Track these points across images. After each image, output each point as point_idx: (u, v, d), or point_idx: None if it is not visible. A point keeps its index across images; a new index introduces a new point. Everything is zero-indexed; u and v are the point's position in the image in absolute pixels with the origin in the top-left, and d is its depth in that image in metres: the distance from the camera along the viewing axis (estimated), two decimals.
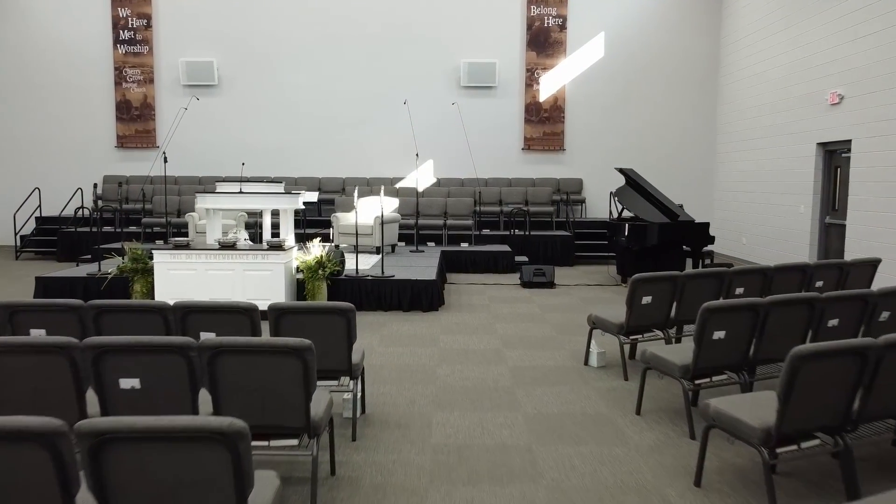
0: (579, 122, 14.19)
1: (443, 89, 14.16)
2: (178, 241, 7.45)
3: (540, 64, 14.09)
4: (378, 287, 7.92)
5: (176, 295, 7.32)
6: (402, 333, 6.79)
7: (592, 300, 8.75)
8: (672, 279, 5.29)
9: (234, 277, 7.32)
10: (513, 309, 8.12)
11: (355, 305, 7.62)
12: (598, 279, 10.57)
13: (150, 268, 7.42)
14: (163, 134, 14.30)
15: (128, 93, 14.17)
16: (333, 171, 14.26)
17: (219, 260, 7.31)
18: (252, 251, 7.29)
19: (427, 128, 14.06)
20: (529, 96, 14.14)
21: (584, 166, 14.24)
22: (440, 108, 14.13)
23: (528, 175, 14.22)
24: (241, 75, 14.18)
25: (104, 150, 14.36)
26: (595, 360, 5.62)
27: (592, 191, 14.21)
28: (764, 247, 11.92)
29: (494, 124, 14.18)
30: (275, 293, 7.31)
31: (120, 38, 14.07)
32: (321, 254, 7.57)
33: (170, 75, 14.20)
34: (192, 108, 14.20)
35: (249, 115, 14.25)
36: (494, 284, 9.96)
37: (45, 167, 14.35)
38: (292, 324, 4.14)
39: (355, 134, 14.24)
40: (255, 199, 7.88)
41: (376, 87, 14.14)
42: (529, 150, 14.24)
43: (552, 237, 12.17)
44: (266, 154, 14.28)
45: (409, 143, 13.92)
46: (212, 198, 7.88)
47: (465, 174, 14.15)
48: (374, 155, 14.26)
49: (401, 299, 7.91)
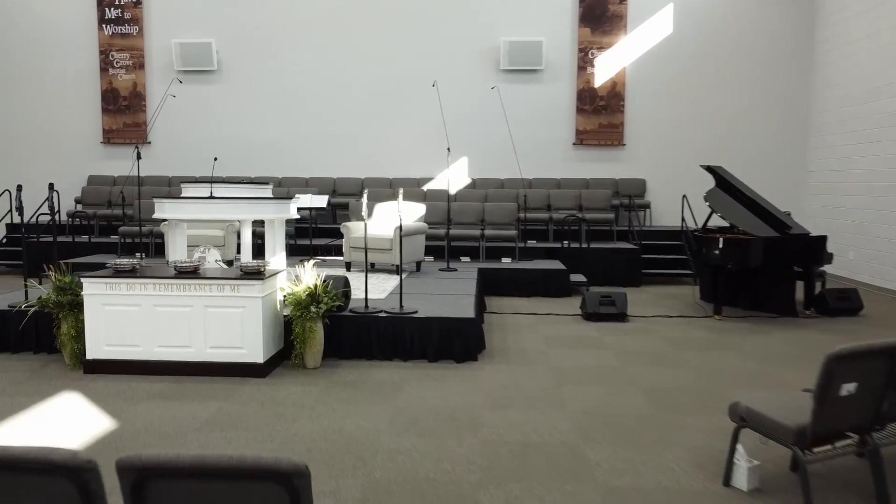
0: (642, 111, 11.88)
1: (479, 74, 11.98)
2: (120, 265, 5.39)
3: (595, 42, 11.83)
4: (394, 327, 5.76)
5: (112, 340, 5.27)
6: (424, 408, 4.62)
7: (685, 343, 6.49)
8: (892, 354, 3.06)
9: (192, 317, 5.23)
10: (579, 358, 5.90)
11: (364, 354, 5.49)
12: (678, 307, 8.28)
13: (82, 301, 5.37)
14: (156, 127, 12.35)
15: (115, 80, 12.26)
16: (350, 171, 12.17)
17: (172, 292, 5.23)
18: (217, 280, 5.19)
19: (460, 119, 11.89)
20: (582, 81, 11.88)
21: (647, 164, 11.93)
22: (476, 95, 11.95)
23: (581, 175, 11.95)
24: (243, 58, 12.17)
25: (89, 146, 12.47)
26: (744, 478, 3.38)
27: (658, 194, 11.89)
28: (878, 263, 9.50)
29: (540, 115, 11.95)
30: (248, 340, 5.21)
31: (106, 17, 12.17)
32: (315, 283, 5.44)
33: (162, 59, 12.25)
34: (188, 97, 12.22)
35: (253, 104, 12.24)
36: (548, 315, 7.74)
37: (22, 165, 12.51)
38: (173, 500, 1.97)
39: (376, 127, 12.13)
40: (228, 207, 5.80)
41: (401, 73, 12.01)
42: (582, 144, 11.97)
43: (613, 251, 9.91)
44: (272, 150, 12.25)
45: (439, 136, 11.76)
46: (172, 205, 5.82)
47: (505, 174, 11.95)
48: (397, 151, 12.13)
49: (426, 345, 5.74)
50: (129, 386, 4.98)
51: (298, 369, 5.44)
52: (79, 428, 4.17)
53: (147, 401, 4.66)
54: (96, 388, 4.92)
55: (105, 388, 4.92)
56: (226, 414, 4.42)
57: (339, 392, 4.88)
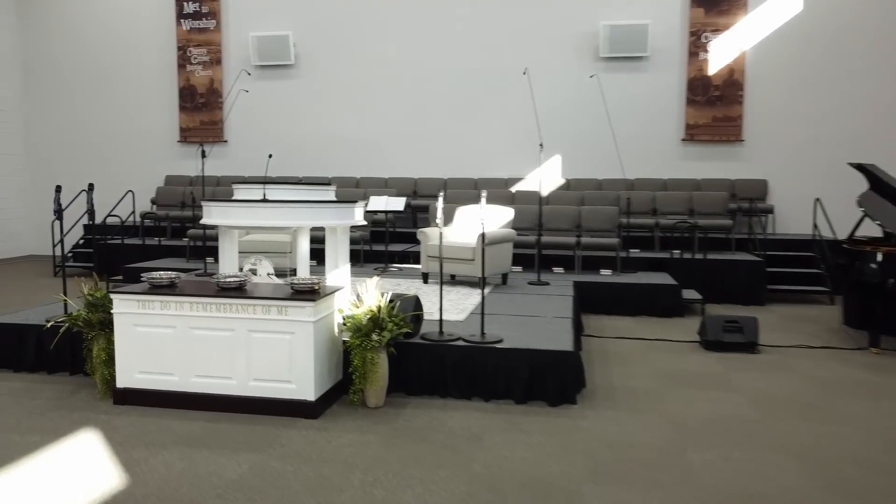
0: (764, 102, 10.36)
1: (574, 63, 10.79)
2: (156, 279, 4.62)
3: (710, 25, 10.40)
4: (474, 360, 4.74)
5: (145, 366, 4.50)
6: (508, 474, 3.57)
7: (839, 385, 5.14)
8: None
9: (234, 343, 4.39)
10: (705, 404, 4.69)
11: (437, 390, 4.50)
12: (818, 334, 6.86)
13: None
14: (231, 125, 11.85)
15: (192, 77, 11.85)
16: (432, 170, 11.26)
17: (211, 313, 4.41)
18: (263, 301, 4.32)
19: (552, 113, 10.75)
20: (694, 69, 10.48)
21: (769, 163, 10.38)
22: (570, 87, 10.77)
23: (691, 175, 10.55)
24: (321, 51, 11.48)
25: (166, 145, 12.12)
26: None
27: (782, 197, 10.32)
28: None
29: (644, 107, 10.64)
30: (297, 373, 4.32)
31: (184, 12, 11.77)
32: (378, 304, 4.50)
33: (239, 54, 11.73)
34: (265, 93, 11.65)
35: (331, 100, 11.52)
36: (658, 341, 6.52)
37: (100, 165, 12.32)
38: None
39: (460, 123, 11.16)
40: (281, 213, 4.94)
41: (487, 63, 10.99)
42: (692, 140, 10.57)
43: (731, 263, 8.52)
44: (350, 148, 11.50)
45: (530, 132, 10.66)
46: (219, 209, 5.02)
47: (602, 173, 10.71)
48: (482, 149, 11.11)
49: (512, 382, 4.69)
50: (158, 425, 4.19)
51: (357, 408, 4.51)
52: (80, 485, 3.38)
53: (172, 448, 3.84)
54: (120, 427, 4.15)
55: (130, 427, 4.15)
56: (258, 473, 3.52)
57: (403, 445, 3.91)
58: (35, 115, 12.62)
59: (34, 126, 12.64)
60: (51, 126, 12.56)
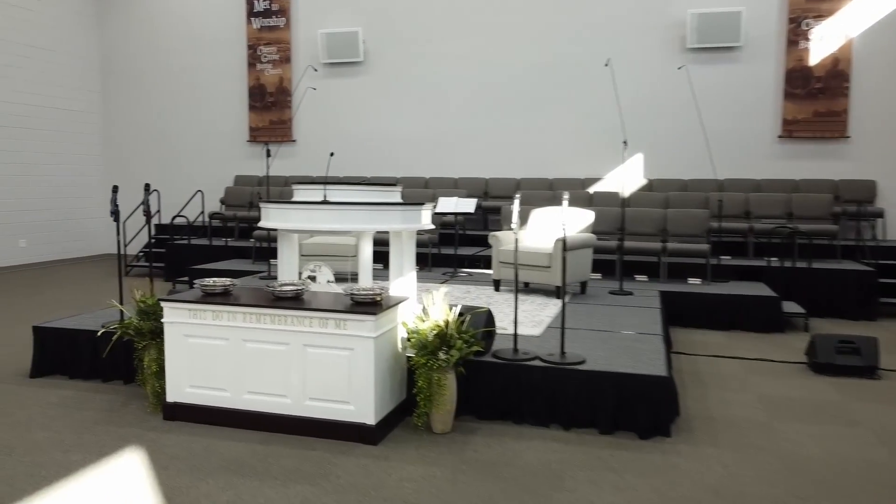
0: (873, 95, 9.37)
1: (658, 54, 10.06)
2: (209, 286, 4.30)
3: (811, 10, 9.49)
4: (553, 382, 4.21)
5: (196, 380, 4.18)
6: None
7: None
8: None
9: (288, 358, 4.01)
10: (824, 441, 4.00)
11: (511, 415, 4.03)
12: None
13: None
14: (299, 124, 11.66)
15: (262, 76, 11.72)
16: (504, 170, 10.74)
17: (265, 325, 4.04)
18: (319, 312, 3.92)
19: (634, 109, 10.05)
20: (793, 59, 9.58)
21: (879, 162, 9.39)
22: (653, 80, 10.05)
23: (788, 175, 9.66)
24: (390, 47, 11.13)
25: (236, 144, 12.04)
26: None
27: (893, 200, 9.31)
28: None
29: (735, 101, 9.81)
30: (356, 393, 3.90)
31: (254, 10, 11.65)
32: (446, 319, 4.03)
33: (308, 52, 11.52)
34: (333, 91, 11.41)
35: (400, 97, 11.16)
36: (758, 361, 5.81)
37: (173, 165, 12.36)
38: None
39: (534, 120, 10.60)
40: (342, 216, 4.54)
41: (563, 56, 10.39)
42: (791, 137, 9.67)
43: (838, 272, 7.65)
44: (419, 147, 11.11)
45: (609, 128, 10.01)
46: (277, 211, 4.67)
47: (687, 173, 9.95)
48: (557, 147, 10.52)
49: (596, 409, 4.13)
50: (206, 446, 3.84)
51: (422, 434, 4.06)
52: None
53: (218, 475, 3.48)
54: (167, 446, 3.83)
55: (177, 447, 3.82)
56: None
57: (472, 482, 3.43)
58: (112, 115, 12.79)
59: (111, 126, 12.81)
60: (126, 126, 12.69)
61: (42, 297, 8.63)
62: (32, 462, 3.64)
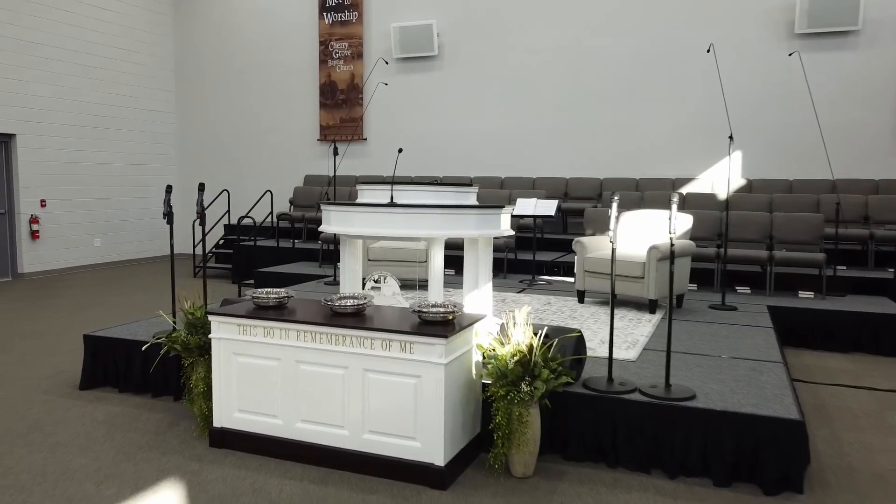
0: None
1: (761, 41, 9.11)
2: (262, 298, 3.83)
3: None
4: (656, 422, 3.53)
5: (246, 404, 3.72)
6: None
7: None
8: None
9: (347, 384, 3.50)
10: None
11: (603, 456, 3.05)
12: None
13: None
14: (370, 122, 11.26)
15: (333, 72, 11.38)
16: (586, 170, 10.01)
17: (321, 345, 3.54)
18: (382, 333, 3.39)
19: (731, 102, 9.14)
20: None
21: None
22: (755, 70, 9.11)
23: None
24: (465, 40, 10.58)
25: (306, 144, 11.76)
26: None
27: None
28: None
29: (850, 93, 8.77)
30: (422, 428, 3.34)
31: (327, 5, 11.32)
32: (529, 343, 3.42)
33: (380, 47, 11.10)
34: (406, 87, 10.95)
35: (476, 93, 10.60)
36: (893, 392, 4.93)
37: (245, 165, 12.20)
38: None
39: (618, 115, 9.83)
40: (410, 219, 3.99)
41: (652, 45, 9.57)
42: None
43: None
44: (495, 146, 10.51)
45: (701, 124, 9.14)
46: (339, 214, 4.17)
47: (793, 173, 8.97)
48: (643, 145, 9.71)
49: (710, 456, 3.44)
50: (253, 484, 3.37)
51: (499, 478, 3.46)
52: None
53: None
54: (209, 482, 3.38)
55: (220, 484, 3.36)
56: None
57: None
58: (186, 115, 12.75)
59: (185, 127, 12.77)
60: (199, 126, 12.63)
61: (111, 300, 8.50)
62: (62, 495, 3.25)
